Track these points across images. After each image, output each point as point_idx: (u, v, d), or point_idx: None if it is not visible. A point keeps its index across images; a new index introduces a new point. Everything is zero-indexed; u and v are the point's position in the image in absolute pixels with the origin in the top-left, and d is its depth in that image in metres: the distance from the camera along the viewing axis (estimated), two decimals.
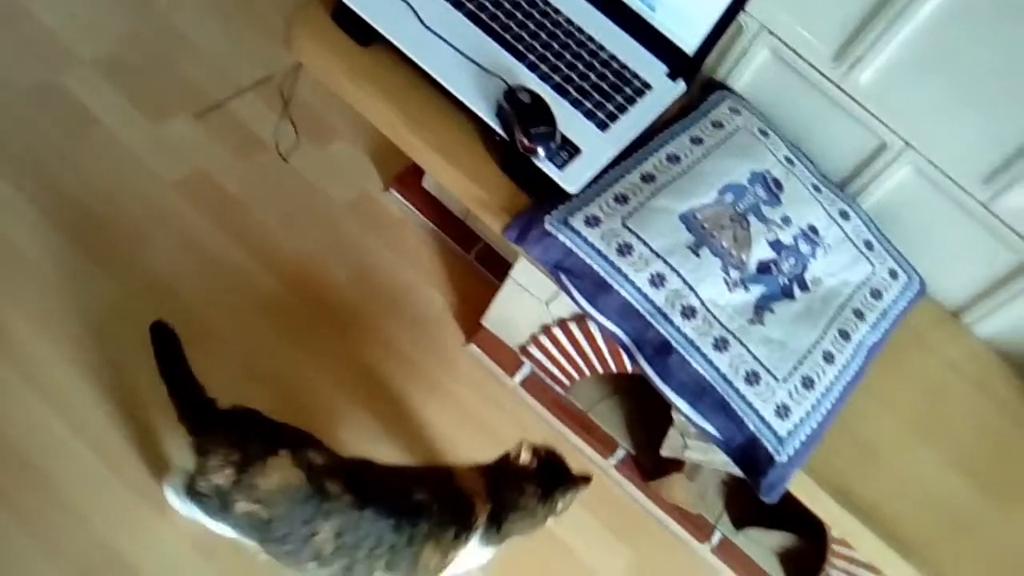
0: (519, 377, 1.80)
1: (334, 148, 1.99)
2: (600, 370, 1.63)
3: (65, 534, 1.39)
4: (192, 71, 1.97)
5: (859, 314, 1.25)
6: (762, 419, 1.11)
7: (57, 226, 1.67)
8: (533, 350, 1.73)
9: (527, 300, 1.64)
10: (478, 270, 1.93)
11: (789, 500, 1.58)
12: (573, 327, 1.61)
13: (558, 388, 1.79)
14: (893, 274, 1.32)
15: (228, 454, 1.15)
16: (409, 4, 1.23)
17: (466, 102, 1.18)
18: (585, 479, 1.29)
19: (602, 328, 1.17)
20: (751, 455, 1.13)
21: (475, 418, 1.76)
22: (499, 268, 1.90)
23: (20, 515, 1.38)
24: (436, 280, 1.90)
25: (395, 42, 1.20)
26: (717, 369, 1.12)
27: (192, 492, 1.20)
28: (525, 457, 1.25)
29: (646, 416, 1.79)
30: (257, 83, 2.00)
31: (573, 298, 1.16)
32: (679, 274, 1.14)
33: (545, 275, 1.20)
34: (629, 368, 1.56)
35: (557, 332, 1.64)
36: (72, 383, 1.52)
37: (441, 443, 1.70)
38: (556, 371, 1.74)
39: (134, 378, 1.56)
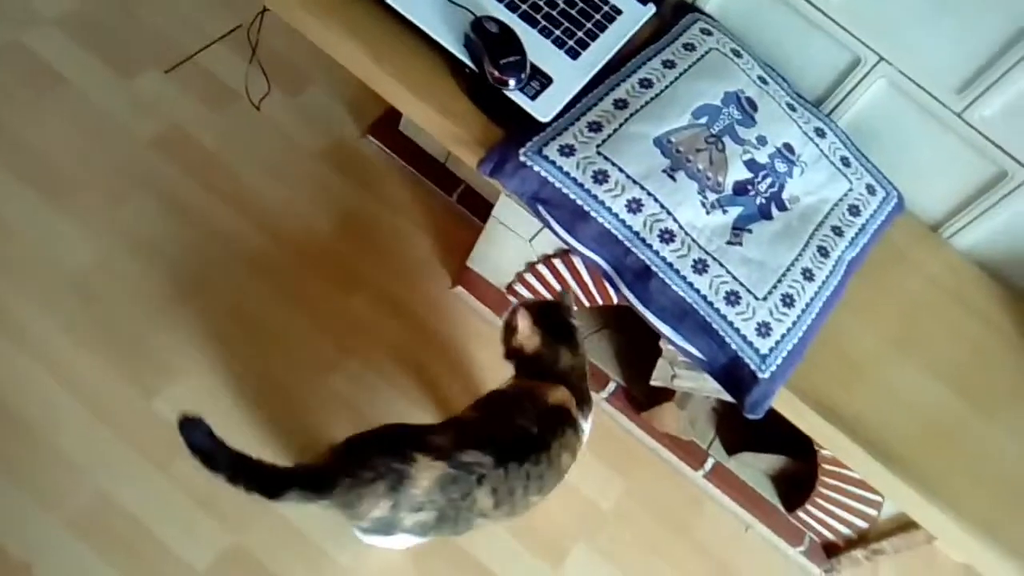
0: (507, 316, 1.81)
1: (308, 96, 1.97)
2: (586, 304, 1.64)
3: (64, 487, 1.41)
4: (159, 24, 1.94)
5: (838, 231, 1.26)
6: (744, 338, 1.13)
7: (30, 185, 1.65)
8: (519, 288, 1.74)
9: (510, 238, 1.65)
10: (461, 212, 1.93)
11: (779, 423, 1.60)
12: (557, 262, 1.61)
13: None
14: (871, 190, 1.33)
15: (373, 491, 1.17)
16: None
17: (433, 35, 1.17)
18: (563, 301, 1.42)
19: (582, 257, 1.17)
20: (735, 374, 1.14)
21: (466, 358, 1.77)
22: (482, 209, 1.90)
23: (17, 471, 1.40)
24: (419, 224, 1.89)
25: None
26: (697, 291, 1.13)
27: (364, 532, 1.27)
28: (530, 338, 1.34)
29: (635, 348, 1.81)
30: (226, 34, 1.97)
31: (551, 228, 1.17)
32: (656, 199, 1.14)
33: (523, 207, 1.20)
34: (614, 299, 1.57)
35: (542, 268, 1.65)
36: (60, 342, 1.53)
37: (435, 384, 1.71)
38: None
39: (123, 332, 1.56)
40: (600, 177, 1.14)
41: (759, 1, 1.35)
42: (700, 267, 1.14)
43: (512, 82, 1.15)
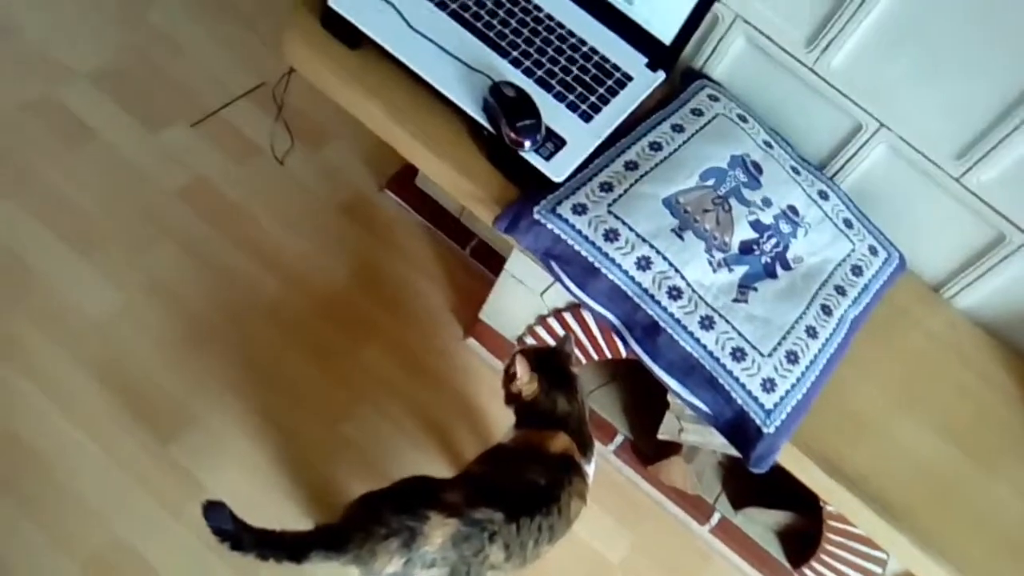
0: None
1: (329, 151, 2.03)
2: (596, 357, 1.67)
3: (79, 530, 1.43)
4: (187, 80, 2.02)
5: (841, 290, 1.30)
6: (749, 393, 1.16)
7: (60, 237, 1.71)
8: (530, 341, 1.77)
9: (522, 292, 1.69)
10: (473, 265, 1.97)
11: (784, 478, 1.62)
12: (568, 316, 1.65)
13: None
14: (873, 251, 1.37)
15: (386, 548, 1.19)
16: (394, 6, 1.27)
17: (453, 98, 1.23)
18: (563, 348, 1.45)
19: (593, 312, 1.21)
20: (740, 428, 1.17)
21: (476, 409, 1.80)
22: (494, 263, 1.94)
23: (34, 510, 1.42)
24: (433, 277, 1.94)
25: (382, 43, 1.24)
26: (704, 347, 1.16)
27: None
28: (528, 384, 1.37)
29: (642, 402, 1.84)
30: (251, 90, 2.05)
31: (564, 284, 1.21)
32: (665, 257, 1.19)
33: (536, 263, 1.24)
34: (623, 353, 1.60)
35: (552, 322, 1.69)
36: (81, 385, 1.57)
37: (446, 434, 1.74)
38: None
39: (142, 378, 1.60)
40: (611, 235, 1.18)
41: (763, 68, 1.41)
42: (707, 323, 1.17)
43: (527, 144, 1.20)
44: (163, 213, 1.82)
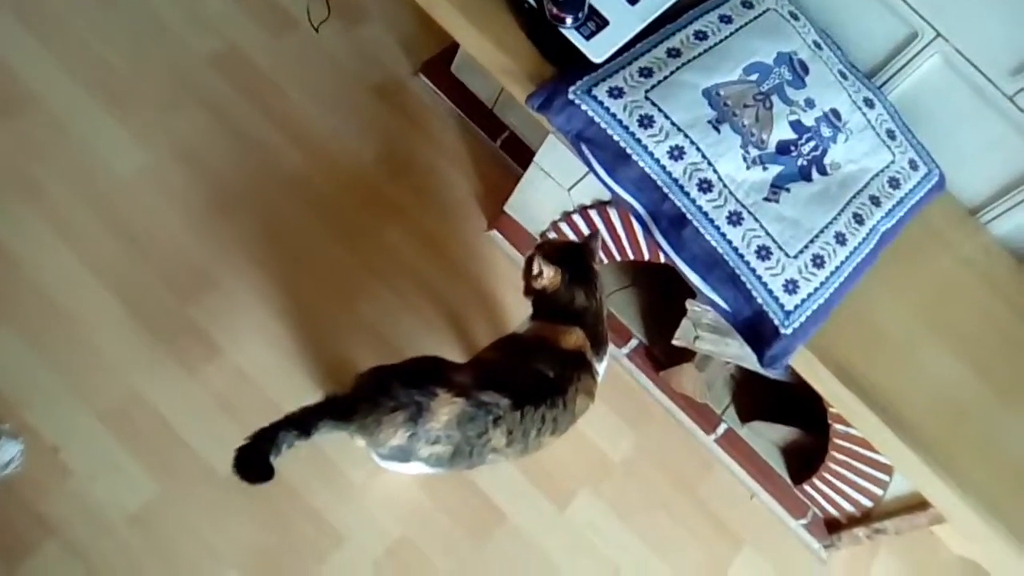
0: None
1: (365, 28, 1.99)
2: (618, 258, 1.66)
3: (98, 382, 1.46)
4: None
5: (875, 200, 1.27)
6: (770, 292, 1.14)
7: (89, 91, 1.70)
8: (553, 236, 1.76)
9: (550, 186, 1.67)
10: (503, 158, 1.95)
11: (794, 397, 1.62)
12: (593, 214, 1.63)
13: None
14: (913, 165, 1.33)
15: (392, 420, 1.21)
16: None
17: None
18: (589, 244, 1.43)
19: (620, 199, 1.19)
20: (757, 327, 1.16)
21: (493, 299, 1.80)
22: (524, 157, 1.91)
23: (56, 360, 1.45)
24: (461, 166, 1.92)
25: None
26: (729, 242, 1.15)
27: (381, 457, 1.30)
28: (552, 278, 1.36)
29: (660, 307, 1.83)
30: None
31: (592, 168, 1.19)
32: (698, 148, 1.16)
33: (566, 145, 1.22)
34: (647, 256, 1.59)
35: (577, 219, 1.67)
36: (105, 240, 1.58)
37: (460, 321, 1.75)
38: None
39: (164, 239, 1.61)
40: (646, 121, 1.15)
41: None
42: (735, 219, 1.15)
43: (569, 20, 1.17)
44: (194, 78, 1.80)
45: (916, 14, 1.30)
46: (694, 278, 1.17)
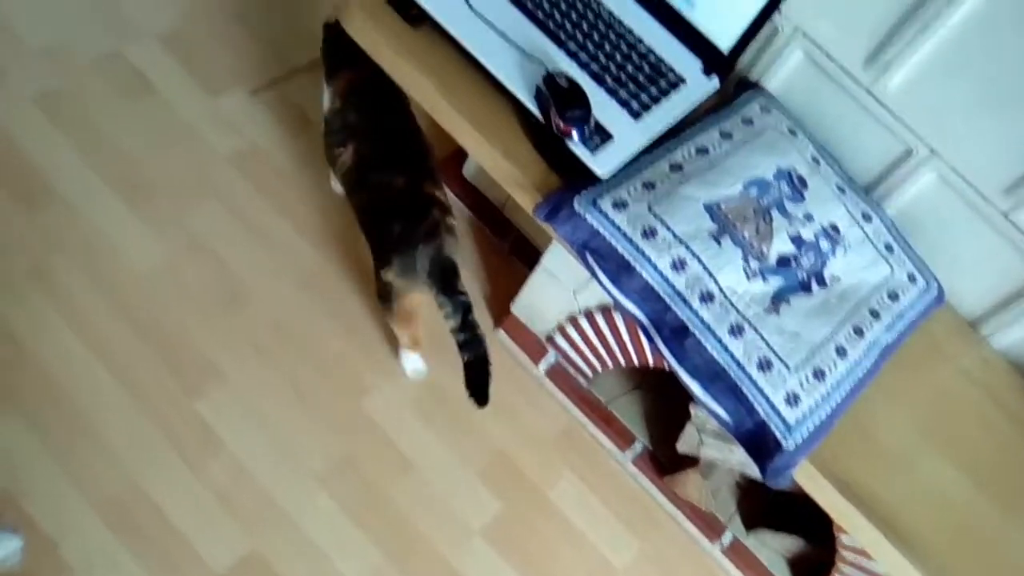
0: (544, 365, 1.85)
1: None
2: (623, 363, 1.67)
3: (99, 471, 1.47)
4: (250, 48, 2.06)
5: (875, 314, 1.28)
6: (772, 405, 1.15)
7: (109, 185, 1.75)
8: (559, 339, 1.78)
9: (556, 288, 1.69)
10: (511, 259, 1.98)
11: (800, 505, 1.60)
12: (599, 318, 1.65)
13: (581, 379, 1.83)
14: (911, 278, 1.35)
15: None
16: None
17: (506, 83, 1.24)
18: None
19: (623, 309, 1.21)
20: (759, 440, 1.16)
21: (497, 400, 1.79)
22: (532, 258, 1.94)
23: (59, 448, 1.46)
24: (471, 265, 1.95)
25: (445, 25, 1.25)
26: (731, 354, 1.16)
27: None
28: None
29: (665, 412, 1.83)
30: (311, 63, 2.07)
31: (597, 278, 1.21)
32: (700, 260, 1.18)
33: (572, 254, 1.24)
34: (651, 361, 1.60)
35: (583, 322, 1.69)
36: (115, 330, 1.61)
37: (465, 422, 1.75)
38: (580, 361, 1.78)
39: (175, 332, 1.64)
40: (649, 233, 1.18)
41: (819, 85, 1.40)
42: (736, 331, 1.17)
43: (575, 134, 1.21)
44: (212, 174, 1.85)
45: (911, 132, 1.35)
46: (696, 389, 1.18)
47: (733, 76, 1.42)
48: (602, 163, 1.22)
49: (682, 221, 1.20)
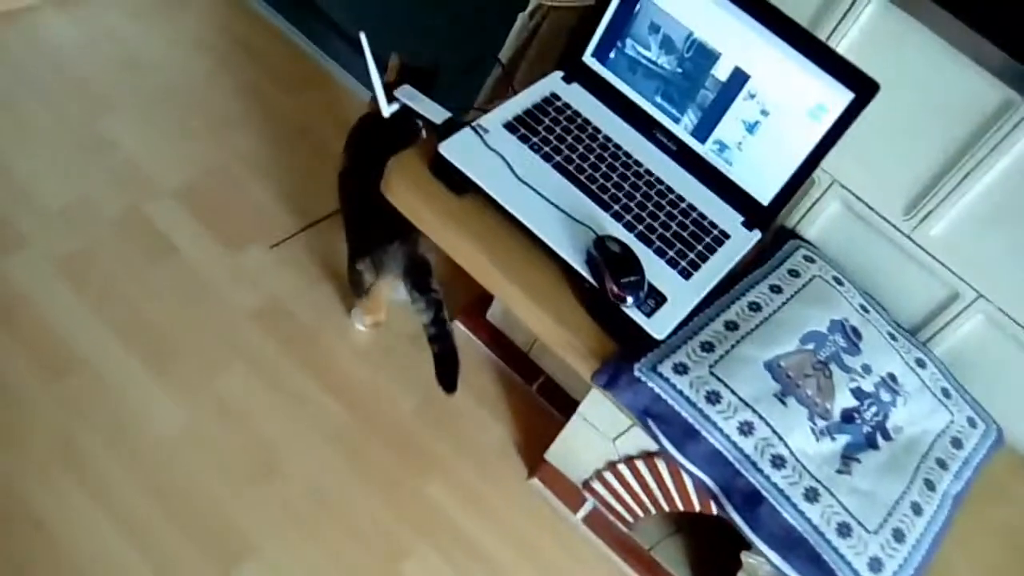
0: (582, 513, 1.80)
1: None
2: (666, 508, 1.63)
3: None
4: (266, 202, 2.06)
5: (942, 464, 1.26)
6: (856, 573, 1.11)
7: (133, 349, 1.72)
8: (597, 486, 1.73)
9: (593, 436, 1.66)
10: (540, 403, 1.95)
11: None
12: (640, 464, 1.61)
13: (621, 525, 1.78)
14: (971, 422, 1.33)
15: None
16: (503, 156, 1.30)
17: (557, 250, 1.23)
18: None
19: (690, 475, 1.18)
20: None
21: (536, 553, 1.75)
22: (561, 401, 1.92)
23: None
24: (499, 412, 1.92)
25: (492, 194, 1.26)
26: (809, 520, 1.12)
27: None
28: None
29: (710, 557, 1.77)
30: (328, 215, 2.08)
31: (660, 444, 1.18)
32: (767, 423, 1.16)
33: (633, 421, 1.22)
34: (697, 507, 1.56)
35: (623, 469, 1.65)
36: (142, 505, 1.55)
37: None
38: (620, 508, 1.73)
39: (204, 503, 1.57)
40: (713, 397, 1.16)
41: (858, 232, 1.42)
42: (812, 495, 1.14)
43: (630, 300, 1.20)
44: (236, 334, 1.83)
45: (956, 276, 1.35)
46: (774, 558, 1.14)
47: (772, 227, 1.43)
48: (658, 326, 1.21)
49: (745, 383, 1.18)
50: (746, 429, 1.16)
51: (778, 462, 1.15)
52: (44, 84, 2.07)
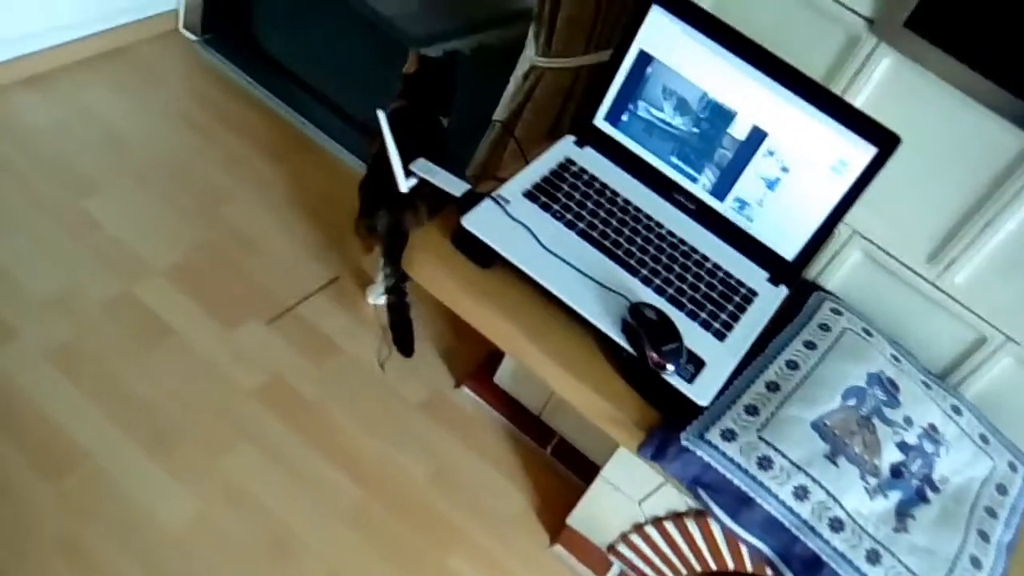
0: None
1: None
2: (697, 568, 1.59)
3: None
4: (261, 275, 2.01)
5: (992, 512, 1.25)
6: None
7: (134, 439, 1.65)
8: (623, 549, 1.69)
9: (618, 499, 1.62)
10: (556, 466, 1.91)
11: None
12: (669, 525, 1.58)
13: None
14: (1012, 467, 1.33)
15: None
16: (527, 227, 1.28)
17: (592, 320, 1.21)
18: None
19: (744, 542, 1.15)
20: None
21: None
22: (577, 463, 1.89)
23: None
24: (515, 477, 1.87)
25: (520, 265, 1.23)
26: None
27: None
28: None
29: None
30: (325, 285, 2.04)
31: (713, 513, 1.15)
32: (822, 485, 1.14)
33: (680, 490, 1.19)
34: (730, 564, 1.53)
35: (651, 531, 1.61)
36: None
37: None
38: (649, 570, 1.70)
39: None
40: (764, 463, 1.14)
41: (882, 281, 1.42)
42: (873, 558, 1.11)
43: (671, 367, 1.18)
44: (240, 414, 1.77)
45: (983, 320, 1.35)
46: None
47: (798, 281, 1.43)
48: (701, 392, 1.19)
49: (795, 446, 1.16)
50: (801, 493, 1.13)
51: (836, 525, 1.12)
52: (21, 167, 2.01)
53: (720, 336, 1.27)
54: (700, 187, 1.38)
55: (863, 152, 1.23)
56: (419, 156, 1.60)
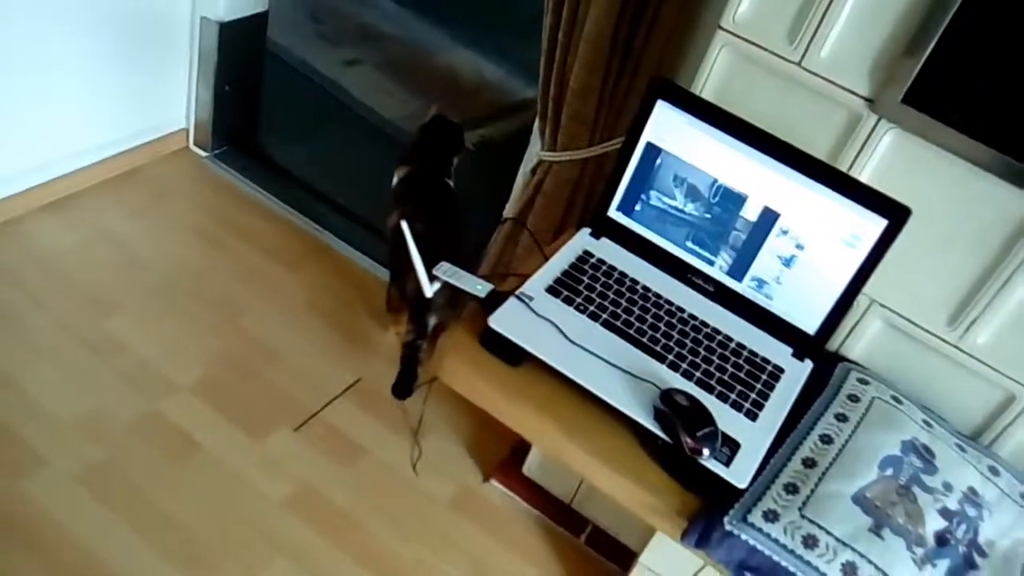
0: None
1: (429, 444, 2.01)
2: None
3: None
4: (284, 383, 2.03)
5: None
6: None
7: (170, 560, 1.64)
8: None
9: None
10: (591, 555, 1.89)
11: None
12: None
13: None
14: None
15: None
16: (553, 323, 1.30)
17: (625, 410, 1.22)
18: None
19: None
20: None
21: None
22: (612, 550, 1.88)
23: None
24: (550, 570, 1.85)
25: (549, 362, 1.25)
26: None
27: None
28: None
29: None
30: (347, 388, 2.05)
31: None
32: (870, 560, 1.13)
33: (725, 574, 1.18)
34: None
35: None
36: None
37: None
38: None
39: None
40: (810, 542, 1.14)
41: (904, 347, 1.43)
42: None
43: (707, 451, 1.18)
44: (272, 526, 1.76)
45: (1009, 379, 1.36)
46: None
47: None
48: (739, 474, 1.19)
49: (839, 521, 1.16)
50: (849, 570, 1.13)
51: None
52: (43, 292, 2.05)
53: (752, 416, 1.27)
54: (717, 269, 1.41)
55: (874, 225, 1.26)
56: (436, 226, 1.86)
